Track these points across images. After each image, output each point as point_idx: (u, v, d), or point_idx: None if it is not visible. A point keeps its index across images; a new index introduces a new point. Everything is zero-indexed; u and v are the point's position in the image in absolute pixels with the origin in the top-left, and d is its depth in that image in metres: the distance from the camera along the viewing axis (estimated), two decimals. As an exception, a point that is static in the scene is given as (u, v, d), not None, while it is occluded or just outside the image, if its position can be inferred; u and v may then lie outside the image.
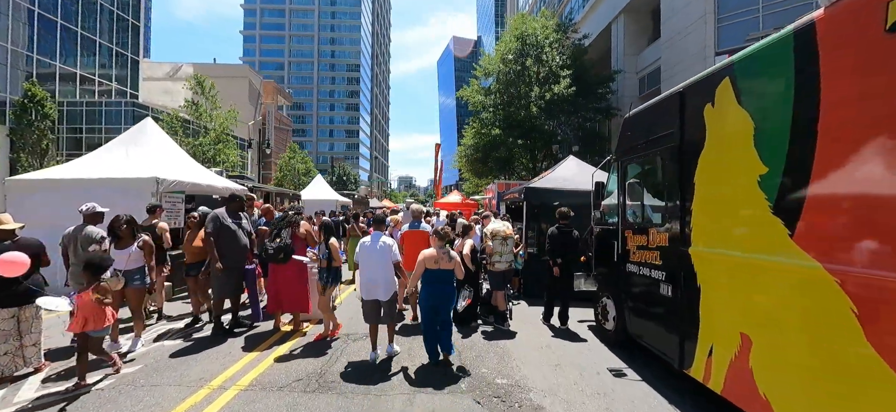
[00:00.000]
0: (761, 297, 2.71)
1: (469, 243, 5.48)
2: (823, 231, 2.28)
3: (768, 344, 2.65)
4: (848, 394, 2.17)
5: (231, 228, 5.08)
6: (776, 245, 2.53)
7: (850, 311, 2.11)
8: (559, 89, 19.19)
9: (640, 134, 4.42)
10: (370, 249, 4.25)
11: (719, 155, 3.17)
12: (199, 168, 9.54)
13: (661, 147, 3.96)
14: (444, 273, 4.10)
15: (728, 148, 3.07)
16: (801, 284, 2.39)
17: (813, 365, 2.34)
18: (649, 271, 4.08)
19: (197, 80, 17.79)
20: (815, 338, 2.33)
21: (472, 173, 27.68)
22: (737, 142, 2.93)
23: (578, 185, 7.89)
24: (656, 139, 4.05)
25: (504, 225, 5.72)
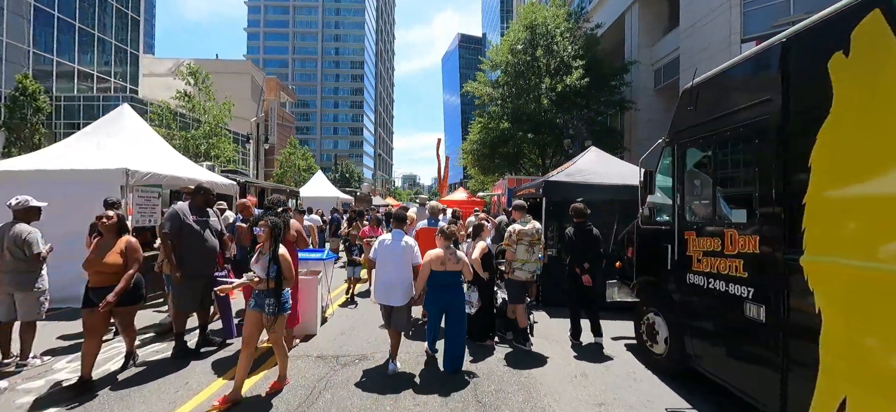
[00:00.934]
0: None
1: (481, 246, 4.54)
2: None
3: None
4: None
5: (195, 228, 4.17)
6: None
7: None
8: (571, 80, 18.13)
9: (711, 107, 3.44)
10: (391, 249, 3.88)
11: (858, 126, 2.19)
12: (181, 160, 8.68)
13: (747, 122, 2.98)
14: (452, 275, 3.85)
15: (877, 114, 2.10)
16: None
17: None
18: (725, 285, 3.11)
19: (190, 70, 16.98)
20: None
21: (479, 170, 26.68)
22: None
23: (603, 178, 6.94)
24: (739, 112, 3.07)
25: (533, 226, 4.73)
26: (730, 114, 3.18)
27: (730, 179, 3.40)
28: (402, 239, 3.93)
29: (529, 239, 4.63)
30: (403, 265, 3.83)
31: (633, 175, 7.42)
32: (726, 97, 3.29)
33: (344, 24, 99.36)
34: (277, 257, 3.21)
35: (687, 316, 3.65)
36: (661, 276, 4.07)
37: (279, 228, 3.29)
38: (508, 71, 20.82)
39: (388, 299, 3.80)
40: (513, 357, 4.45)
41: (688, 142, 3.70)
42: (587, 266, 4.66)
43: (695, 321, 3.56)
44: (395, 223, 4.14)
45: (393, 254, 3.84)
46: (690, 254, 3.55)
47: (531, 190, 7.80)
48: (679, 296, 3.73)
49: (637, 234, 4.57)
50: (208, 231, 4.32)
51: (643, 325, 4.39)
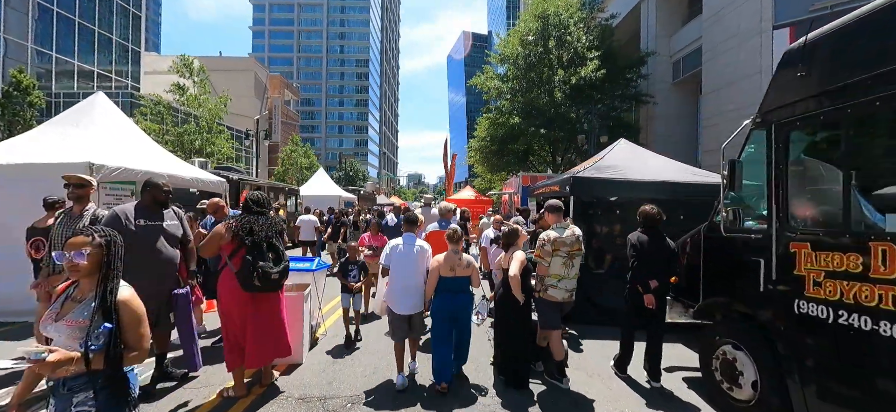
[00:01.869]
0: None
1: (519, 258, 3.62)
2: None
3: None
4: None
5: (141, 235, 3.27)
6: None
7: None
8: (586, 72, 17.11)
9: (847, 67, 2.45)
10: (407, 254, 3.67)
11: None
12: (163, 156, 7.82)
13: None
14: (461, 281, 3.62)
15: None
16: None
17: None
18: (875, 323, 2.14)
19: (183, 61, 16.20)
20: None
21: (487, 168, 25.68)
22: None
23: (641, 174, 5.95)
24: (887, 75, 2.10)
25: (573, 232, 3.77)
26: (872, 78, 2.20)
27: (879, 171, 2.42)
28: (415, 243, 3.73)
29: (568, 249, 3.68)
30: (420, 270, 3.67)
31: (673, 171, 6.46)
32: (866, 53, 2.31)
33: (349, 22, 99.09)
34: (109, 307, 1.60)
35: (795, 357, 2.68)
36: (746, 300, 3.11)
37: (113, 249, 1.69)
38: (519, 63, 19.82)
39: (407, 307, 3.61)
40: (547, 399, 3.51)
41: (797, 120, 2.72)
42: (655, 285, 3.69)
43: (811, 367, 2.58)
44: (406, 226, 3.90)
45: (409, 260, 3.64)
46: (801, 274, 2.58)
47: (554, 187, 6.84)
48: (781, 328, 2.76)
49: (706, 243, 3.60)
50: (162, 238, 3.42)
51: (716, 361, 3.42)
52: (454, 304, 3.60)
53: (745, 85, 15.19)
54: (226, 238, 3.14)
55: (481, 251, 6.02)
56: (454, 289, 3.59)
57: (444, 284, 3.57)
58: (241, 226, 3.18)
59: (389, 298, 3.69)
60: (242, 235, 3.15)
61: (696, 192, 5.69)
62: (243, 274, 3.11)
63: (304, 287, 4.33)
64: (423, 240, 5.26)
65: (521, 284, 3.54)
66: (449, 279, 3.56)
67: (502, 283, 3.91)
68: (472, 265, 3.63)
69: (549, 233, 3.72)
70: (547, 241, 3.66)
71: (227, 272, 3.23)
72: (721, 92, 16.59)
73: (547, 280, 3.69)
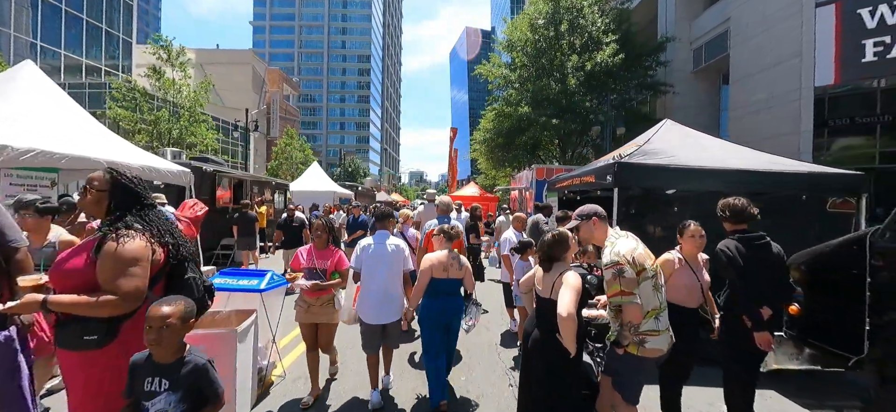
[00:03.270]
0: None
1: (573, 285, 2.28)
2: None
3: None
4: None
5: None
6: None
7: None
8: (603, 57, 15.64)
9: None
10: (378, 254, 3.25)
11: None
12: (103, 138, 6.47)
13: None
14: (453, 283, 3.22)
15: None
16: None
17: None
18: None
19: (162, 42, 14.83)
20: None
21: (492, 162, 24.26)
22: None
23: (704, 161, 4.56)
24: None
25: (642, 250, 2.37)
26: None
27: None
28: (388, 241, 3.34)
29: (650, 264, 2.30)
30: (395, 272, 3.31)
31: (740, 157, 5.03)
32: None
33: (351, 17, 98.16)
34: None
35: None
36: None
37: None
38: (527, 50, 18.34)
39: (380, 317, 3.23)
40: None
41: None
42: (769, 314, 2.33)
43: None
44: (378, 223, 3.50)
45: (382, 261, 3.27)
46: None
47: (586, 177, 5.45)
48: None
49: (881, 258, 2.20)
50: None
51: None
52: (448, 309, 3.22)
53: (780, 71, 13.73)
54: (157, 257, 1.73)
55: (505, 261, 4.66)
56: (447, 292, 3.20)
57: (437, 287, 3.16)
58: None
59: (360, 307, 3.25)
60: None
61: (783, 183, 4.31)
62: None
63: (246, 315, 2.97)
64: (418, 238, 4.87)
65: (574, 328, 2.18)
66: (442, 281, 3.15)
67: (536, 318, 2.56)
68: (465, 267, 3.25)
69: (622, 245, 2.31)
70: (629, 264, 2.25)
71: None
72: (751, 79, 15.11)
73: (643, 326, 2.29)
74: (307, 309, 3.22)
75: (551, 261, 2.52)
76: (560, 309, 2.20)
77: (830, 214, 4.66)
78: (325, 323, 3.29)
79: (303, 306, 3.23)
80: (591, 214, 2.49)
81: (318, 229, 3.28)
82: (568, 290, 2.26)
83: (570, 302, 2.23)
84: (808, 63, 12.79)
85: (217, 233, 9.77)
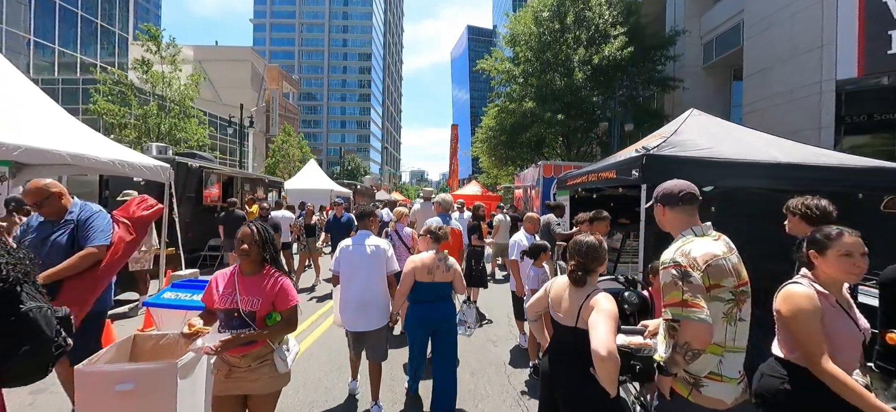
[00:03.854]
0: None
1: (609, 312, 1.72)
2: None
3: None
4: None
5: None
6: None
7: None
8: (611, 50, 14.99)
9: None
10: (357, 256, 3.04)
11: None
12: (68, 127, 5.87)
13: None
14: (441, 287, 2.99)
15: None
16: None
17: None
18: None
19: (150, 32, 14.20)
20: None
21: (494, 160, 23.62)
22: None
23: (746, 154, 3.95)
24: None
25: (728, 246, 1.74)
26: None
27: None
28: (368, 241, 3.07)
29: (733, 284, 1.67)
30: (376, 275, 3.03)
31: (786, 150, 4.35)
32: None
33: (352, 15, 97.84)
34: None
35: None
36: None
37: None
38: (531, 44, 17.68)
39: (357, 323, 2.99)
40: None
41: None
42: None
43: None
44: (358, 222, 3.28)
45: (360, 263, 3.03)
46: None
47: (605, 173, 4.84)
48: None
49: None
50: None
51: None
52: (432, 315, 2.99)
53: (800, 62, 13.08)
54: None
55: (512, 268, 4.04)
56: (433, 297, 2.97)
57: (422, 291, 2.95)
58: None
59: (340, 312, 3.07)
60: None
61: (842, 180, 3.70)
62: None
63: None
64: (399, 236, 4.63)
65: (613, 365, 1.58)
66: (427, 285, 2.93)
67: (557, 352, 1.98)
68: (454, 269, 3.01)
69: (699, 252, 1.68)
70: (696, 263, 1.64)
71: None
72: (768, 72, 14.46)
73: (708, 362, 1.68)
74: (229, 373, 2.04)
75: (586, 275, 1.92)
76: (598, 345, 1.61)
77: (884, 215, 4.05)
78: (259, 394, 2.06)
79: (222, 368, 2.05)
80: (681, 199, 1.79)
81: (243, 241, 2.04)
82: (604, 319, 1.69)
83: (611, 336, 1.66)
84: (829, 55, 12.13)
85: (204, 232, 9.20)
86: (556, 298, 2.00)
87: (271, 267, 2.11)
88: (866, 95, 12.51)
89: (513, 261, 4.01)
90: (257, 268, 2.08)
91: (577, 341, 1.88)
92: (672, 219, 1.83)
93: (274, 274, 2.09)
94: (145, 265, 5.49)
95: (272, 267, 2.11)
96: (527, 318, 2.36)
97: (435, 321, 3.01)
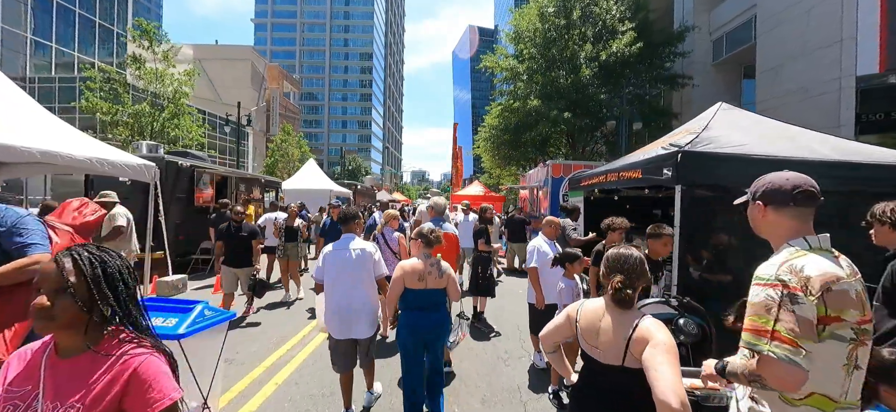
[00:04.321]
0: None
1: (666, 342, 1.34)
2: None
3: None
4: None
5: None
6: None
7: None
8: (619, 46, 14.51)
9: None
10: (340, 259, 2.90)
11: None
12: (46, 124, 5.44)
13: None
14: (432, 294, 2.78)
15: None
16: None
17: None
18: None
19: (142, 27, 13.74)
20: None
21: (498, 160, 23.16)
22: None
23: (789, 151, 3.49)
24: None
25: (852, 269, 1.28)
26: None
27: None
28: (352, 245, 2.93)
29: (857, 319, 1.21)
30: (362, 280, 2.89)
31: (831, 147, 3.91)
32: None
33: (353, 14, 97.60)
34: None
35: None
36: None
37: None
38: (536, 40, 17.23)
39: (346, 331, 2.83)
40: None
41: None
42: None
43: None
44: (342, 225, 3.10)
45: (344, 268, 2.86)
46: None
47: (629, 173, 4.37)
48: None
49: None
50: None
51: None
52: (423, 324, 2.76)
53: (815, 59, 12.58)
54: None
55: (531, 277, 3.57)
56: (424, 305, 2.77)
57: (411, 298, 2.75)
58: None
59: (325, 320, 2.92)
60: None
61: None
62: None
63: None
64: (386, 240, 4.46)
65: None
66: (417, 292, 2.73)
67: (597, 386, 1.56)
68: (447, 274, 2.80)
69: (816, 270, 1.21)
70: (808, 290, 1.19)
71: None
72: (782, 69, 13.95)
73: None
74: None
75: (635, 293, 1.50)
76: (666, 394, 1.21)
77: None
78: None
79: None
80: (786, 194, 1.34)
81: (42, 285, 1.00)
82: (667, 357, 1.30)
83: (679, 380, 1.26)
84: (848, 51, 11.64)
85: (196, 235, 8.75)
86: (589, 328, 1.57)
87: (120, 332, 1.06)
88: (881, 93, 12.01)
89: (532, 270, 3.56)
90: (82, 342, 1.02)
91: (627, 384, 1.46)
92: (777, 224, 1.37)
93: (125, 348, 1.03)
94: (125, 272, 5.05)
95: (122, 330, 1.06)
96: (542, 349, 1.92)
97: (426, 329, 2.81)
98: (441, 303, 2.87)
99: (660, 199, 6.49)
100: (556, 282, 3.25)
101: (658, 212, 6.58)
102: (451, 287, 2.84)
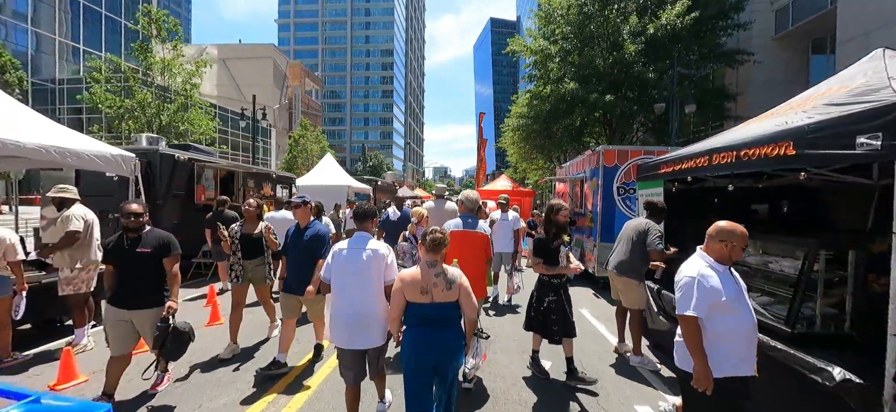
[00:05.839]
0: None
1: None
2: None
3: None
4: None
5: None
6: None
7: None
8: (670, 16, 12.71)
9: None
10: (350, 262, 2.58)
11: None
12: (9, 111, 4.49)
13: None
14: (441, 309, 2.29)
15: None
16: None
17: None
18: None
19: (150, 16, 13.07)
20: None
21: (526, 151, 21.60)
22: None
23: None
24: None
25: None
26: None
27: None
28: (364, 245, 2.60)
29: None
30: (372, 285, 2.56)
31: None
32: None
33: (374, 11, 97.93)
34: None
35: None
36: None
37: None
38: (569, 17, 15.54)
39: (353, 340, 2.54)
40: None
41: None
42: None
43: None
44: (357, 222, 2.78)
45: (354, 270, 2.55)
46: None
47: (757, 150, 2.92)
48: None
49: None
50: None
51: None
52: (431, 345, 2.23)
53: (919, 20, 10.43)
54: None
55: (687, 329, 2.04)
56: (431, 322, 2.26)
57: (414, 314, 2.28)
58: None
59: (331, 327, 2.62)
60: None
61: None
62: None
63: None
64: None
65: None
66: (421, 306, 2.25)
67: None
68: (458, 283, 2.27)
69: None
70: None
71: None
72: (869, 37, 11.78)
73: None
74: None
75: None
76: None
77: None
78: None
79: None
80: None
81: None
82: None
83: None
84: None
85: (197, 236, 7.81)
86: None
87: None
88: None
89: (689, 320, 2.04)
90: None
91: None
92: None
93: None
94: (82, 287, 4.03)
95: None
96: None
97: (434, 350, 2.27)
98: (453, 318, 2.36)
99: (758, 190, 4.89)
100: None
101: (757, 209, 5.03)
102: (464, 300, 2.32)
